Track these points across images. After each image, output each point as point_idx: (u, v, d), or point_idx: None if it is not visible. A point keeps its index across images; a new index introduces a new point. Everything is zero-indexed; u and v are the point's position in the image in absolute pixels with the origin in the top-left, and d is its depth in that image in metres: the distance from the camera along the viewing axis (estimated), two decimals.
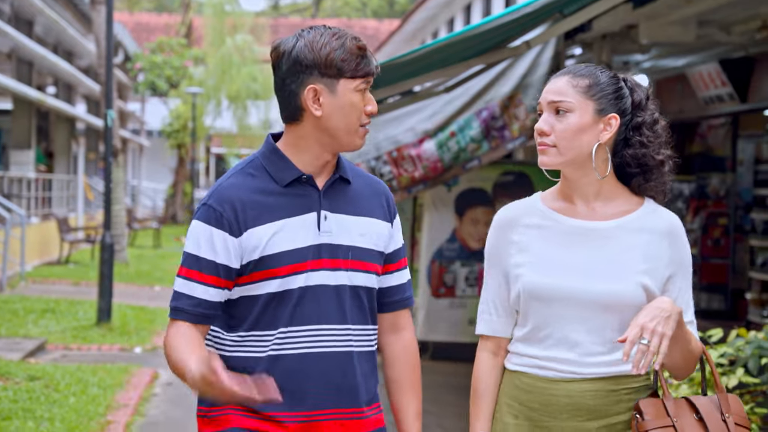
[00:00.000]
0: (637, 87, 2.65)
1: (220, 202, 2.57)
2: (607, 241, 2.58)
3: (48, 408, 7.09)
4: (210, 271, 2.56)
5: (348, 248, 2.63)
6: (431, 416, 7.53)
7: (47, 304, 12.83)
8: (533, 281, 2.60)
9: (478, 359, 2.72)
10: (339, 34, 2.56)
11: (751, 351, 4.59)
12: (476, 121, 8.50)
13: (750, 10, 7.91)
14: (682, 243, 2.63)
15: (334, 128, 2.56)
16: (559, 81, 2.61)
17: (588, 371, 2.55)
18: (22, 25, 20.61)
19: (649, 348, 2.39)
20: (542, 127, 2.59)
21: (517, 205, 2.72)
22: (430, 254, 9.91)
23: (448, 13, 24.32)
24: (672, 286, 2.60)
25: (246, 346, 2.59)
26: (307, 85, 2.53)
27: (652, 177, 2.61)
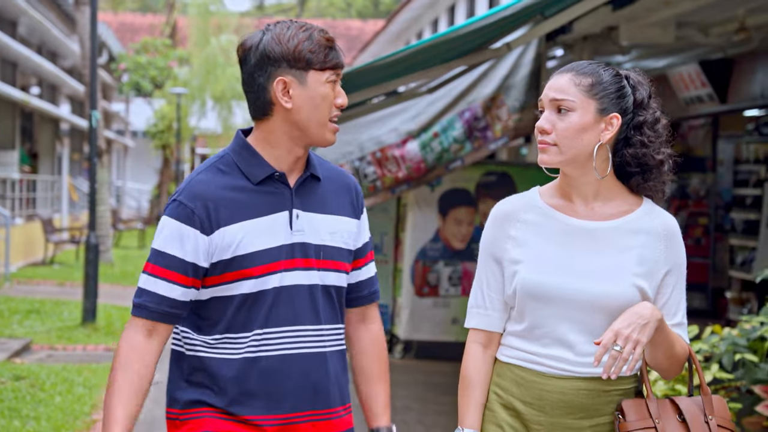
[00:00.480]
0: (639, 85, 2.62)
1: (191, 199, 2.51)
2: (604, 242, 2.58)
3: (34, 407, 7.13)
4: (176, 268, 2.51)
5: (319, 247, 2.59)
6: (413, 413, 7.62)
7: (32, 304, 12.86)
8: (530, 279, 2.58)
9: (468, 351, 2.69)
10: (306, 27, 2.53)
11: (726, 347, 4.68)
12: (459, 122, 8.58)
13: (727, 12, 8.02)
14: (678, 245, 2.62)
15: (305, 121, 2.52)
16: (561, 79, 2.57)
17: (582, 370, 2.54)
18: (5, 25, 20.61)
19: (621, 354, 2.39)
20: (543, 125, 2.56)
21: (515, 199, 2.70)
22: (414, 254, 9.98)
23: (433, 14, 24.40)
24: (665, 288, 2.60)
25: (220, 348, 2.54)
26: (275, 78, 2.50)
27: (652, 176, 2.60)
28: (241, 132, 2.63)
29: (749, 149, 11.23)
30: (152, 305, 2.51)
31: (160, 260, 2.51)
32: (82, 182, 28.48)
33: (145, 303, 2.51)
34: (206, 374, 2.54)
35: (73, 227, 22.29)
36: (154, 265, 2.52)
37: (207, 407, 2.54)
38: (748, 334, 4.73)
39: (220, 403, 2.53)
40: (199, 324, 2.57)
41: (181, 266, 2.50)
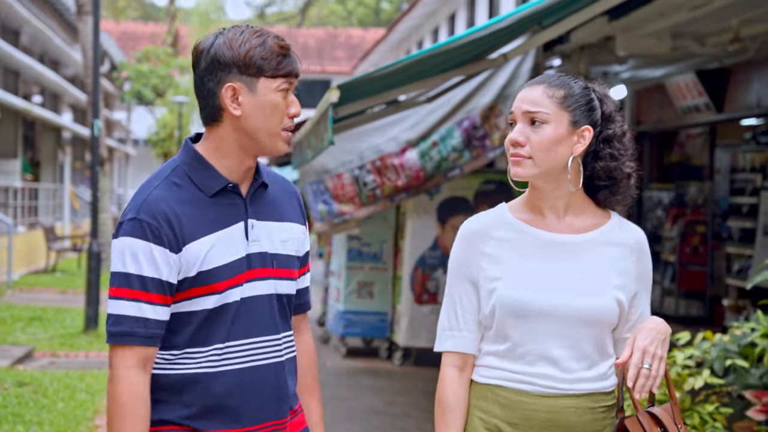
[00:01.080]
0: (606, 98, 2.61)
1: (153, 217, 2.41)
2: (580, 254, 2.55)
3: (37, 413, 7.22)
4: (156, 289, 2.41)
5: (273, 256, 2.54)
6: (412, 419, 7.70)
7: (35, 312, 12.95)
8: (510, 296, 2.52)
9: (444, 375, 2.61)
10: (260, 33, 2.46)
11: (717, 353, 4.77)
12: (458, 131, 8.67)
13: (722, 22, 8.11)
14: (647, 257, 2.62)
15: (254, 129, 2.45)
16: (534, 91, 2.54)
17: (569, 387, 2.52)
18: (8, 35, 20.72)
19: (650, 372, 2.38)
20: (517, 138, 2.52)
21: (484, 216, 2.65)
22: (413, 262, 10.08)
23: (433, 23, 24.53)
24: (638, 301, 2.59)
25: (180, 363, 2.47)
26: (225, 83, 2.43)
27: (619, 190, 2.58)
28: (189, 140, 2.56)
29: (746, 158, 11.32)
30: (142, 330, 2.41)
31: (137, 283, 2.40)
32: (84, 190, 28.57)
33: (134, 330, 2.40)
34: (166, 392, 2.47)
35: (75, 235, 22.37)
36: (130, 289, 2.40)
37: (171, 426, 2.47)
38: (738, 340, 4.82)
39: (182, 419, 2.46)
40: (165, 343, 2.49)
41: (159, 286, 2.42)
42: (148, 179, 2.51)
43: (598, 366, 2.54)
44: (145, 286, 2.40)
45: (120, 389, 2.39)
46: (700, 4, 7.27)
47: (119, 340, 2.40)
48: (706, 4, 7.25)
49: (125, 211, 2.46)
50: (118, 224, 2.46)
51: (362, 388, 8.95)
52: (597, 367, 2.54)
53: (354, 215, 8.83)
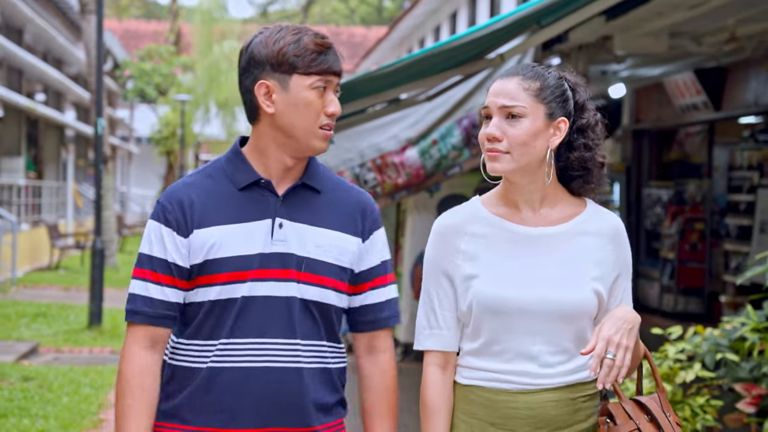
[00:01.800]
0: (578, 87, 2.57)
1: (169, 200, 2.47)
2: (557, 247, 2.51)
3: (42, 407, 7.34)
4: (163, 270, 2.45)
5: (301, 259, 2.47)
6: (412, 415, 7.80)
7: (39, 308, 13.08)
8: (486, 293, 2.48)
9: (427, 375, 2.57)
10: (298, 30, 2.45)
11: (708, 347, 4.87)
12: (457, 130, 8.77)
13: (718, 22, 8.20)
14: (625, 244, 2.58)
15: (289, 127, 2.44)
16: (508, 83, 2.48)
17: (548, 382, 2.48)
18: (12, 33, 20.83)
19: (614, 362, 2.33)
20: (494, 132, 2.47)
21: (458, 211, 2.60)
22: (413, 258, 10.19)
23: (435, 21, 24.63)
24: (617, 290, 2.55)
25: (189, 354, 2.47)
26: (258, 81, 2.44)
27: (593, 179, 2.56)
28: (239, 139, 2.59)
29: (743, 156, 11.41)
30: (149, 309, 2.45)
31: (147, 263, 2.46)
32: (87, 188, 28.70)
33: (140, 308, 2.45)
34: (179, 383, 2.47)
35: (78, 233, 22.50)
36: (141, 269, 2.47)
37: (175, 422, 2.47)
38: (729, 334, 4.92)
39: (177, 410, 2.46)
40: (176, 330, 2.52)
41: (167, 267, 2.45)
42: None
43: (576, 358, 2.50)
44: (152, 266, 2.45)
45: (126, 366, 2.44)
46: (697, 3, 7.36)
47: (128, 317, 2.47)
48: (703, 3, 7.34)
49: None
50: None
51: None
52: (576, 359, 2.50)
53: None
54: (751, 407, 4.73)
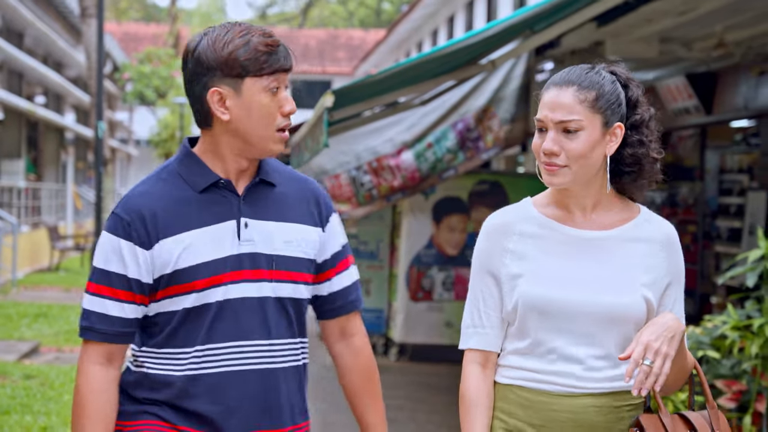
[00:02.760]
0: (630, 82, 2.50)
1: (127, 212, 2.36)
2: (608, 251, 2.47)
3: (44, 404, 7.50)
4: (122, 286, 2.36)
5: (271, 257, 2.43)
6: (406, 411, 7.97)
7: (40, 309, 13.23)
8: (534, 293, 2.45)
9: (467, 372, 2.53)
10: (245, 31, 2.35)
11: (690, 345, 5.03)
12: (452, 133, 8.94)
13: (707, 28, 8.36)
14: (677, 252, 2.54)
15: (246, 133, 2.36)
16: (564, 95, 2.41)
17: (592, 386, 2.43)
18: (12, 37, 20.99)
19: (652, 369, 2.28)
20: (551, 147, 2.41)
21: (509, 210, 2.56)
22: (409, 260, 10.35)
23: (432, 25, 24.80)
24: (668, 299, 2.50)
25: (160, 362, 2.40)
26: (210, 88, 2.34)
27: (645, 174, 2.49)
28: (187, 140, 2.48)
29: (734, 159, 11.59)
30: (105, 327, 2.37)
31: (104, 278, 2.36)
32: (87, 190, 28.85)
33: (95, 326, 2.37)
34: (150, 389, 2.41)
35: (78, 234, 22.64)
36: (97, 284, 2.37)
37: (155, 419, 2.41)
38: (710, 332, 5.09)
39: (165, 417, 2.41)
40: (143, 338, 2.44)
41: (126, 283, 2.36)
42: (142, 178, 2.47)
43: (622, 365, 2.42)
44: (110, 282, 2.36)
45: (81, 383, 2.37)
46: (685, 10, 7.53)
47: (83, 334, 2.39)
48: (691, 10, 7.51)
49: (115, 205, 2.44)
50: None
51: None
52: (622, 365, 2.43)
53: (351, 215, 9.09)
54: (732, 403, 4.90)
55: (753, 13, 7.65)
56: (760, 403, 4.80)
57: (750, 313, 4.97)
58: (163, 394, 2.39)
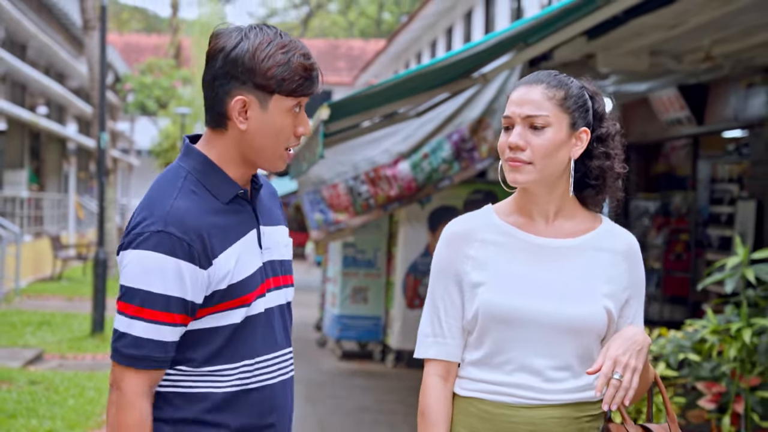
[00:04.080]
0: (597, 95, 2.50)
1: (183, 230, 2.21)
2: (570, 260, 2.44)
3: (49, 408, 7.70)
4: (179, 309, 2.22)
5: (282, 263, 2.43)
6: (399, 416, 8.18)
7: (43, 317, 13.42)
8: (494, 301, 2.40)
9: (426, 385, 2.47)
10: (288, 48, 2.27)
11: (672, 348, 5.23)
12: (447, 144, 9.12)
13: (696, 42, 8.56)
14: (639, 264, 2.50)
15: (259, 147, 2.31)
16: (533, 92, 2.40)
17: (551, 397, 2.39)
18: (15, 49, 21.20)
19: (621, 383, 2.26)
20: (517, 142, 2.38)
21: (470, 218, 2.52)
22: (405, 268, 10.54)
23: (431, 36, 25.01)
24: (629, 310, 2.47)
25: (206, 381, 2.29)
26: (236, 95, 2.26)
27: (607, 189, 2.48)
28: (190, 143, 2.39)
29: (725, 169, 11.80)
30: (160, 354, 2.23)
31: (161, 303, 2.20)
32: (89, 200, 29.02)
33: (152, 354, 2.22)
34: (191, 410, 2.29)
35: (80, 244, 22.80)
36: (153, 310, 2.20)
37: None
38: (691, 336, 5.29)
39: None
40: (182, 358, 2.29)
41: (183, 307, 2.23)
42: (159, 187, 2.30)
43: (582, 376, 2.41)
44: (168, 307, 2.21)
45: (130, 417, 2.22)
46: (673, 24, 7.72)
47: (135, 363, 2.22)
48: (679, 24, 7.70)
49: (142, 221, 2.24)
50: (134, 234, 2.23)
51: (355, 387, 9.43)
52: (581, 377, 2.40)
53: (349, 224, 9.26)
54: (712, 404, 5.09)
55: (740, 27, 7.85)
56: (738, 404, 4.98)
57: (729, 318, 5.16)
58: (193, 411, 2.28)
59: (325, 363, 10.98)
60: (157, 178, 2.35)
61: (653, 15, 7.09)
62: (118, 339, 2.22)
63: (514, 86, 2.47)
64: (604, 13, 6.33)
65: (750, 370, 5.05)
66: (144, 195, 2.33)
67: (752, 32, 7.97)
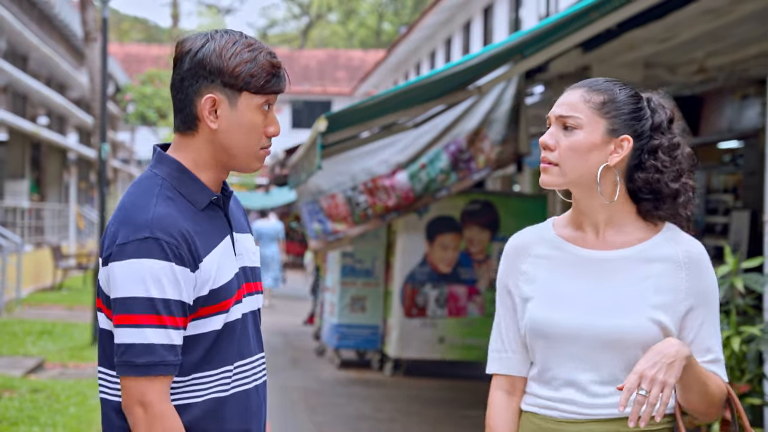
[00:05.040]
0: (660, 108, 2.46)
1: (170, 234, 2.21)
2: (616, 271, 2.38)
3: (51, 416, 7.79)
4: (180, 312, 2.22)
5: (252, 269, 2.43)
6: (398, 424, 8.26)
7: (44, 326, 13.51)
8: (537, 317, 2.40)
9: (490, 399, 2.50)
10: (254, 46, 2.29)
11: None
12: (445, 154, 9.24)
13: (689, 54, 8.68)
14: (703, 273, 2.38)
15: (231, 146, 2.30)
16: (573, 94, 2.39)
17: (595, 412, 2.36)
18: (17, 60, 21.34)
19: (647, 399, 2.19)
20: (546, 140, 2.38)
21: (528, 232, 2.52)
22: (403, 277, 10.65)
23: (430, 47, 25.16)
24: (691, 322, 2.38)
25: (184, 391, 2.27)
26: (205, 93, 2.27)
27: (664, 206, 2.40)
28: (161, 149, 2.38)
29: (719, 179, 11.91)
30: (173, 358, 2.21)
31: (162, 308, 2.19)
32: (89, 210, 29.13)
33: (166, 359, 2.19)
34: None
35: (80, 254, 22.90)
36: (158, 315, 2.19)
37: None
38: None
39: None
40: None
41: (182, 309, 2.23)
42: (136, 197, 2.30)
43: None
44: (170, 311, 2.20)
45: (168, 425, 2.19)
46: (666, 37, 7.85)
47: (152, 371, 2.18)
48: (672, 38, 7.82)
49: (124, 231, 2.23)
50: (119, 246, 2.21)
51: (353, 396, 9.52)
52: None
53: (347, 233, 9.36)
54: None
55: (732, 40, 7.96)
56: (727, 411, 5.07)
57: None
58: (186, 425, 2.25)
59: (324, 372, 11.09)
60: (130, 187, 2.35)
61: (644, 29, 7.21)
62: (127, 351, 2.18)
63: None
64: (598, 26, 6.44)
65: (739, 378, 5.15)
66: (119, 204, 2.31)
67: (745, 45, 8.09)
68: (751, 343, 5.07)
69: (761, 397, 5.15)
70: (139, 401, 2.17)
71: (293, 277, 25.46)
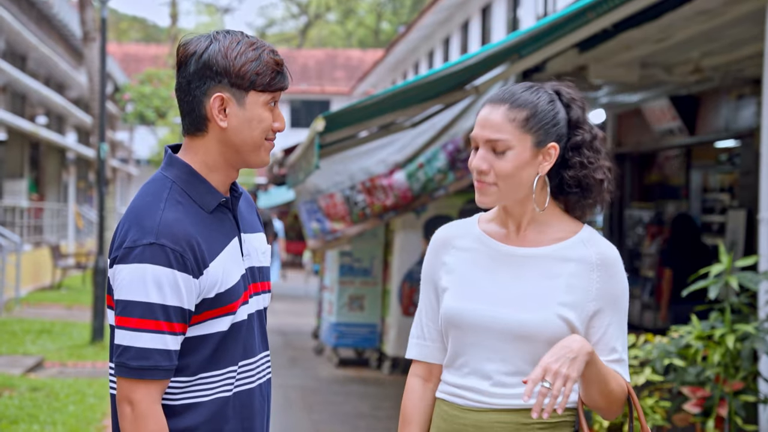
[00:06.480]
0: (572, 102, 2.47)
1: (176, 241, 2.25)
2: (530, 268, 2.43)
3: (50, 414, 7.83)
4: (178, 318, 2.26)
5: (260, 269, 2.47)
6: (395, 421, 8.28)
7: (43, 325, 13.56)
8: (450, 306, 2.46)
9: (407, 386, 2.58)
10: (257, 45, 2.34)
11: (658, 353, 5.37)
12: (442, 154, 9.26)
13: (685, 54, 8.72)
14: (614, 276, 2.44)
15: (240, 143, 2.34)
16: (495, 113, 2.39)
17: (498, 402, 2.41)
18: (16, 60, 21.36)
19: (550, 391, 2.24)
20: (480, 165, 2.40)
21: (453, 225, 2.58)
22: (401, 276, 10.69)
23: (429, 46, 25.18)
24: (599, 322, 2.43)
25: (191, 391, 2.33)
26: (213, 93, 2.31)
27: (592, 195, 2.46)
28: (171, 151, 2.43)
29: (716, 179, 11.95)
30: (167, 363, 2.26)
31: (160, 313, 2.24)
32: (88, 210, 29.15)
33: (160, 364, 2.25)
34: (174, 421, 2.31)
35: (79, 253, 22.92)
36: (155, 320, 2.23)
37: None
38: (677, 342, 5.43)
39: None
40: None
41: (181, 316, 2.27)
42: (145, 198, 2.34)
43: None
44: (168, 317, 2.24)
45: (150, 426, 2.24)
46: (661, 38, 7.89)
47: (145, 374, 2.24)
48: (667, 38, 7.86)
49: (132, 234, 2.27)
50: (126, 249, 2.26)
51: (352, 394, 9.57)
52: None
53: (345, 233, 9.39)
54: (697, 408, 5.23)
55: (728, 40, 8.01)
56: (722, 407, 5.12)
57: (714, 324, 5.30)
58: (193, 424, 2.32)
59: (322, 370, 11.13)
60: (141, 189, 2.38)
61: (640, 29, 7.25)
62: (123, 353, 2.25)
63: (483, 102, 2.46)
64: (594, 26, 6.49)
65: (733, 375, 5.19)
66: (129, 206, 2.35)
67: (740, 45, 8.13)
68: (745, 340, 5.12)
69: (755, 395, 5.20)
70: (128, 399, 2.25)
71: (293, 276, 25.51)
